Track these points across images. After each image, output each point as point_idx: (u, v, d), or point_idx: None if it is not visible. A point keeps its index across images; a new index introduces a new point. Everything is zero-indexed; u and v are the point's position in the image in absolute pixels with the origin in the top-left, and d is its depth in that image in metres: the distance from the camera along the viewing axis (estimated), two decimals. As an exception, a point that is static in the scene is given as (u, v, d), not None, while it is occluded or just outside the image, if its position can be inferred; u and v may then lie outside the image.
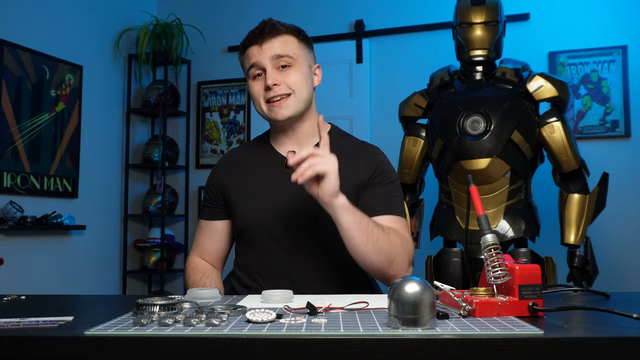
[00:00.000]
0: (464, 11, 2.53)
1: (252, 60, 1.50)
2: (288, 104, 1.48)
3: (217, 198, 1.60)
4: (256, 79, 1.51)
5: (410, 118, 2.71)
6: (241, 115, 4.16)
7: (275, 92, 1.47)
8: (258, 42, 1.50)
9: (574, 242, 2.45)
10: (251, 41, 1.51)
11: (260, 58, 1.49)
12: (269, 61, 1.48)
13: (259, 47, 1.49)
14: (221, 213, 1.61)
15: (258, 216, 1.51)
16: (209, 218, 1.62)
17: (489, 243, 1.02)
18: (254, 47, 1.50)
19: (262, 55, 1.49)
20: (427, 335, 0.81)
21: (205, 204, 1.64)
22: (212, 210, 1.62)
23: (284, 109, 1.48)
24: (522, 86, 2.48)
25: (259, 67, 1.49)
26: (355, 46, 3.84)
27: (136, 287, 4.14)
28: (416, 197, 2.76)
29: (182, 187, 4.22)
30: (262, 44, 1.49)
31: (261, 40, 1.49)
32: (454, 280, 2.48)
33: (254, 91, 1.52)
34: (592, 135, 3.37)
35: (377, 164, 1.53)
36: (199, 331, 0.84)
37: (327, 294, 1.25)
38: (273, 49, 1.48)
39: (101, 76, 3.88)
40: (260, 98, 1.50)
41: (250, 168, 1.58)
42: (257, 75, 1.51)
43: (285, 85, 1.48)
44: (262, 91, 1.49)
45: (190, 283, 1.56)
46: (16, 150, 3.21)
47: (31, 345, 0.84)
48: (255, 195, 1.53)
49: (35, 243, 3.31)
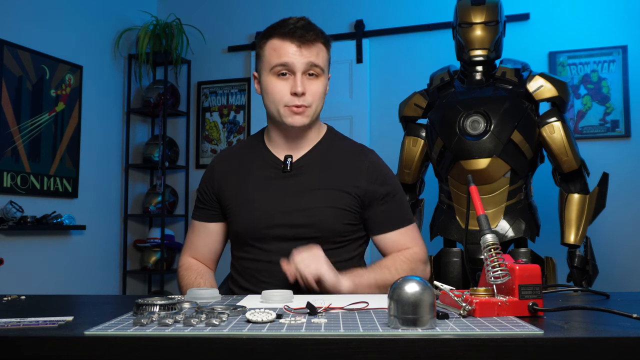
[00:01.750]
0: (464, 11, 2.53)
1: (284, 58, 1.43)
2: (307, 113, 1.46)
3: (211, 200, 1.59)
4: (281, 77, 1.45)
5: (410, 118, 2.71)
6: (241, 115, 4.16)
7: (301, 102, 1.44)
8: (295, 40, 1.43)
9: (574, 242, 2.46)
10: (286, 35, 1.44)
11: (296, 60, 1.42)
12: (303, 66, 1.43)
13: (297, 48, 1.43)
14: (215, 215, 1.59)
15: (255, 220, 1.50)
16: (203, 220, 1.61)
17: (489, 243, 1.02)
18: (289, 43, 1.43)
19: (299, 59, 1.43)
20: (427, 335, 0.81)
21: (199, 205, 1.62)
22: (206, 212, 1.60)
23: (304, 116, 1.46)
24: (522, 86, 2.48)
25: (289, 68, 1.43)
26: (355, 46, 3.84)
27: (136, 287, 4.14)
28: (416, 197, 2.76)
29: (182, 187, 4.22)
30: (300, 44, 1.43)
31: (300, 40, 1.43)
32: (454, 280, 2.48)
33: (277, 90, 1.45)
34: (592, 135, 3.37)
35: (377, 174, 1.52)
36: (199, 331, 0.84)
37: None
38: (311, 54, 1.44)
39: (101, 76, 3.88)
40: (282, 101, 1.45)
41: (245, 170, 1.56)
42: (282, 73, 1.44)
43: (309, 96, 1.45)
44: (286, 94, 1.44)
45: (184, 284, 1.54)
46: (16, 150, 3.21)
47: (31, 345, 0.84)
48: (252, 199, 1.51)
49: (35, 243, 3.31)
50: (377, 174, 1.52)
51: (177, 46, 4.04)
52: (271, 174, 1.52)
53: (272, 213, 1.48)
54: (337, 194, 1.47)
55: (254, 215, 1.50)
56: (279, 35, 1.45)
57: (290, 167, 1.50)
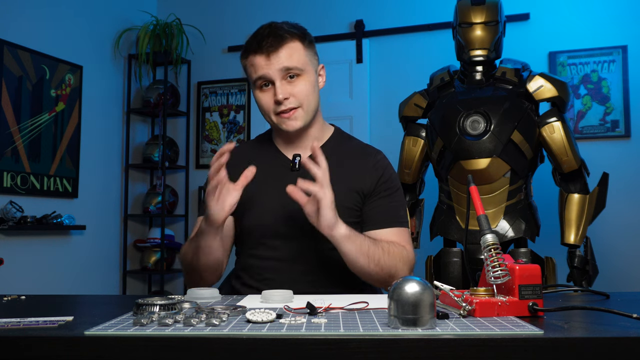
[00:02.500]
0: (464, 11, 2.53)
1: (259, 72, 1.46)
2: (297, 116, 1.48)
3: None
4: (263, 89, 1.49)
5: (410, 118, 2.71)
6: (241, 115, 4.16)
7: (285, 106, 1.46)
8: (263, 52, 1.45)
9: (574, 242, 2.46)
10: (255, 50, 1.47)
11: (269, 71, 1.45)
12: (277, 74, 1.45)
13: (266, 58, 1.45)
14: None
15: (263, 218, 1.51)
16: None
17: (489, 243, 1.02)
18: (259, 56, 1.46)
19: (271, 68, 1.45)
20: (427, 335, 0.81)
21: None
22: None
23: (294, 120, 1.48)
24: (522, 86, 2.48)
25: (266, 79, 1.47)
26: (355, 46, 3.84)
27: (136, 287, 4.14)
28: (416, 197, 2.76)
29: (182, 187, 4.22)
30: (269, 54, 1.45)
31: (267, 50, 1.45)
32: (454, 280, 2.48)
33: (263, 102, 1.49)
34: (592, 135, 3.37)
35: (382, 172, 1.54)
36: (199, 331, 0.84)
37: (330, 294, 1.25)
38: (281, 60, 1.45)
39: (101, 76, 3.88)
40: (270, 111, 1.49)
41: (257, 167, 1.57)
42: (264, 85, 1.48)
43: (294, 98, 1.47)
44: (271, 104, 1.47)
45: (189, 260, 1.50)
46: (16, 150, 3.22)
47: (31, 345, 0.84)
48: (260, 197, 1.52)
49: (35, 243, 3.31)
50: (382, 172, 1.54)
51: (177, 46, 4.04)
52: (280, 172, 1.53)
53: (278, 211, 1.49)
54: (344, 193, 1.47)
55: (261, 213, 1.51)
56: (251, 51, 1.48)
57: (298, 165, 1.52)
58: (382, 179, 1.53)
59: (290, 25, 1.51)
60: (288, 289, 1.23)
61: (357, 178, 1.51)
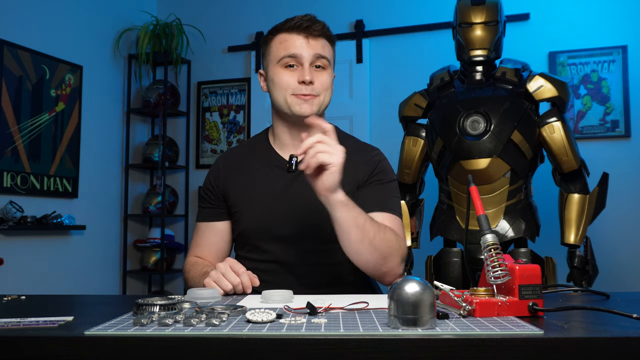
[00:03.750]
0: (464, 11, 2.53)
1: (292, 50, 1.46)
2: (314, 102, 1.47)
3: (217, 199, 1.58)
4: (288, 68, 1.47)
5: (410, 118, 2.71)
6: (241, 115, 4.16)
7: (309, 91, 1.46)
8: (304, 33, 1.47)
9: (574, 242, 2.46)
10: (293, 28, 1.48)
11: (304, 51, 1.46)
12: (310, 57, 1.46)
13: (305, 40, 1.47)
14: (222, 214, 1.59)
15: (258, 221, 1.50)
16: (209, 219, 1.60)
17: (489, 243, 1.02)
18: (297, 36, 1.47)
19: (307, 50, 1.46)
20: (427, 335, 0.81)
21: (205, 206, 1.61)
22: (213, 212, 1.59)
23: (310, 105, 1.47)
24: (522, 86, 2.48)
25: (297, 59, 1.46)
26: (355, 46, 3.84)
27: (136, 287, 4.14)
28: (416, 197, 2.76)
29: (182, 187, 4.22)
30: (308, 37, 1.47)
31: (308, 33, 1.47)
32: (454, 280, 2.48)
33: (284, 80, 1.47)
34: (592, 135, 3.37)
35: (376, 165, 1.53)
36: (199, 331, 0.84)
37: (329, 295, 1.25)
38: (318, 47, 1.47)
39: (101, 76, 3.88)
40: (289, 89, 1.47)
41: (250, 170, 1.56)
42: (289, 65, 1.47)
43: (317, 85, 1.47)
44: (294, 83, 1.46)
45: (191, 276, 1.51)
46: (16, 150, 3.22)
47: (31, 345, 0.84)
48: (257, 199, 1.51)
49: (35, 243, 3.31)
50: (375, 165, 1.53)
51: (177, 46, 4.04)
52: (275, 174, 1.52)
53: (275, 214, 1.48)
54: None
55: (258, 215, 1.50)
56: (286, 29, 1.49)
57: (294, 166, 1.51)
58: (375, 170, 1.52)
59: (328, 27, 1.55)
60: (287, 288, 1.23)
61: (353, 173, 1.48)
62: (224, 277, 1.32)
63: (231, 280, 1.31)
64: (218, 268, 1.33)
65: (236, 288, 1.32)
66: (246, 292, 1.32)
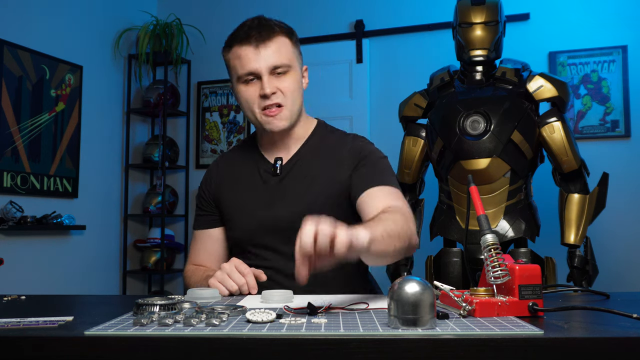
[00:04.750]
0: (464, 11, 2.53)
1: (247, 66, 1.42)
2: (282, 115, 1.44)
3: (210, 206, 1.59)
4: (249, 83, 1.44)
5: (410, 118, 2.71)
6: (241, 115, 4.16)
7: (272, 101, 1.42)
8: (252, 43, 1.41)
9: (574, 242, 2.45)
10: (242, 40, 1.43)
11: (259, 64, 1.41)
12: (265, 69, 1.41)
13: (255, 50, 1.41)
14: (216, 220, 1.59)
15: (248, 228, 1.50)
16: (205, 227, 1.60)
17: (489, 243, 1.02)
18: (247, 47, 1.42)
19: (260, 62, 1.41)
20: (427, 335, 0.81)
21: (200, 213, 1.61)
22: (207, 219, 1.59)
23: (279, 120, 1.44)
24: (522, 86, 2.48)
25: (254, 74, 1.43)
26: (355, 46, 3.84)
27: (136, 287, 4.14)
28: (416, 197, 2.76)
29: (182, 187, 4.22)
30: (257, 46, 1.41)
31: (256, 41, 1.41)
32: (454, 280, 2.48)
33: (247, 95, 1.45)
34: (592, 135, 3.37)
35: (359, 150, 1.49)
36: (199, 331, 0.84)
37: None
38: (270, 55, 1.41)
39: (101, 76, 3.88)
40: (255, 105, 1.44)
41: (239, 176, 1.55)
42: (249, 79, 1.44)
43: (280, 93, 1.43)
44: (256, 98, 1.43)
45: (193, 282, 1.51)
46: (16, 150, 3.22)
47: (31, 345, 0.84)
48: (245, 206, 1.51)
49: (35, 243, 3.31)
50: (359, 151, 1.48)
51: (177, 46, 4.04)
52: (263, 179, 1.51)
53: (264, 220, 1.47)
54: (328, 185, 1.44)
55: (247, 222, 1.50)
56: (237, 42, 1.44)
57: (280, 169, 1.50)
58: (361, 155, 1.47)
59: (278, 22, 1.48)
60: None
61: (339, 168, 1.46)
62: (230, 277, 1.31)
63: (236, 280, 1.31)
64: (223, 268, 1.33)
65: (242, 288, 1.31)
66: (251, 292, 1.32)
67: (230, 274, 1.31)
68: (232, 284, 1.30)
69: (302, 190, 1.46)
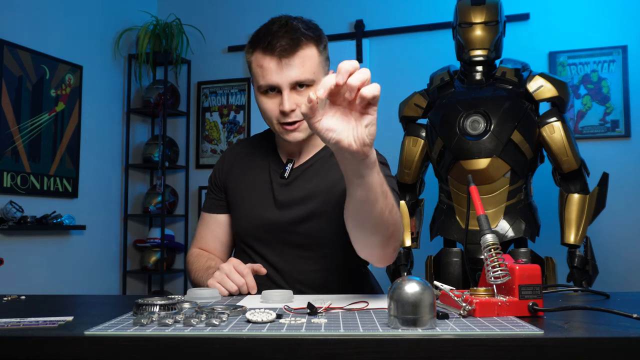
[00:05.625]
0: (464, 11, 2.53)
1: (268, 79, 1.36)
2: (302, 128, 1.41)
3: (219, 191, 1.59)
4: (269, 94, 1.39)
5: (410, 118, 2.71)
6: (241, 115, 4.16)
7: (291, 118, 1.38)
8: (275, 54, 1.34)
9: (574, 242, 2.45)
10: (265, 49, 1.36)
11: (279, 80, 1.35)
12: (287, 84, 1.35)
13: (278, 63, 1.35)
14: (224, 206, 1.59)
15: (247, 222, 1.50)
16: (212, 211, 1.60)
17: (489, 243, 1.02)
18: (269, 58, 1.35)
19: (281, 77, 1.35)
20: (427, 335, 0.81)
21: (210, 196, 1.61)
22: (216, 203, 1.59)
23: (298, 132, 1.41)
24: (522, 86, 2.48)
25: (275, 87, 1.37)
26: (355, 46, 3.84)
27: (136, 287, 4.14)
28: (416, 197, 2.76)
29: (182, 187, 4.22)
30: (280, 59, 1.34)
31: (279, 54, 1.34)
32: (454, 280, 2.48)
33: (266, 108, 1.40)
34: (592, 135, 3.37)
35: None
36: (199, 331, 0.84)
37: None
38: (293, 70, 1.35)
39: (101, 76, 3.88)
40: (274, 118, 1.40)
41: (249, 169, 1.55)
42: (269, 90, 1.39)
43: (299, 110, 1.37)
44: (276, 112, 1.39)
45: (194, 268, 1.50)
46: (16, 150, 3.22)
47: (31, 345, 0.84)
48: (248, 200, 1.51)
49: (35, 243, 3.31)
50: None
51: (177, 46, 4.04)
52: (270, 178, 1.51)
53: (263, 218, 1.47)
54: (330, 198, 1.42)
55: (247, 217, 1.50)
56: (261, 49, 1.37)
57: (289, 173, 1.49)
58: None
59: (306, 26, 1.40)
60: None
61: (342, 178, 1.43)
62: (228, 278, 1.31)
63: (236, 281, 1.31)
64: (222, 269, 1.32)
65: (241, 289, 1.31)
66: (251, 292, 1.32)
67: (229, 274, 1.31)
68: (232, 284, 1.30)
69: (304, 197, 1.45)
